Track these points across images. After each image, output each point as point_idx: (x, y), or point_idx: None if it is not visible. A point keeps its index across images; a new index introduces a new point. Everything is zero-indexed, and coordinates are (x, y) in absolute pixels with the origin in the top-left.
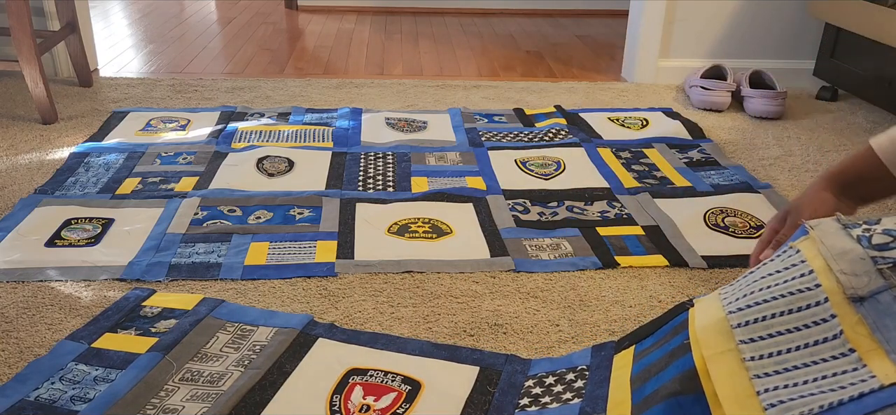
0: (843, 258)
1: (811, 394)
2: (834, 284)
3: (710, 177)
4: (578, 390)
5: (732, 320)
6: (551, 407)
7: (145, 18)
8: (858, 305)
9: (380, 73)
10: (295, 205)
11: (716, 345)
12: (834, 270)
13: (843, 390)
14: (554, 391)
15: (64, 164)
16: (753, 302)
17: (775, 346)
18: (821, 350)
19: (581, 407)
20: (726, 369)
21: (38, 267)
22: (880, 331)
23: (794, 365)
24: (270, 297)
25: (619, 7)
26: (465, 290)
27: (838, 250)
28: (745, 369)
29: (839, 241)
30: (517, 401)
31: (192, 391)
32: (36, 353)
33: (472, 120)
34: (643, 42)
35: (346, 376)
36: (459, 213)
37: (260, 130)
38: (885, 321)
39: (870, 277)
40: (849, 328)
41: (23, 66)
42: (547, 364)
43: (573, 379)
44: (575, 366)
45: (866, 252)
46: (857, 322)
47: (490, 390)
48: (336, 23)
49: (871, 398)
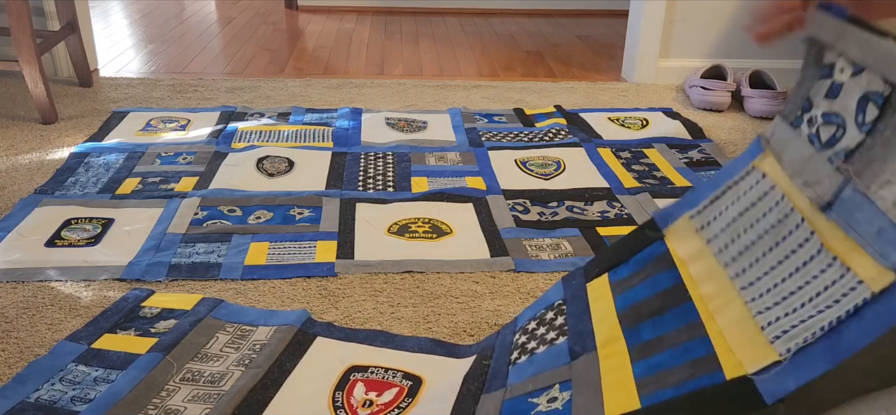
0: (805, 168)
1: (810, 316)
2: (804, 202)
3: (710, 177)
4: (560, 327)
5: (730, 271)
6: (539, 352)
7: (145, 18)
8: (828, 211)
9: (380, 73)
10: (295, 205)
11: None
12: (798, 185)
13: (838, 305)
14: (538, 335)
15: (64, 164)
16: (744, 248)
17: (771, 280)
18: (810, 269)
19: (569, 346)
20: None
21: (38, 267)
22: (853, 228)
23: (790, 291)
24: (270, 297)
25: (619, 7)
26: (465, 290)
27: (798, 162)
28: (749, 310)
29: (795, 150)
30: (509, 358)
31: (193, 392)
32: (36, 353)
33: (472, 120)
34: (643, 42)
35: (347, 373)
36: (459, 213)
37: (260, 130)
38: (854, 216)
39: (830, 178)
40: (826, 238)
41: (23, 66)
42: (528, 312)
43: (553, 317)
44: (552, 302)
45: (820, 154)
46: (831, 228)
47: (485, 363)
48: (336, 23)
49: (870, 316)
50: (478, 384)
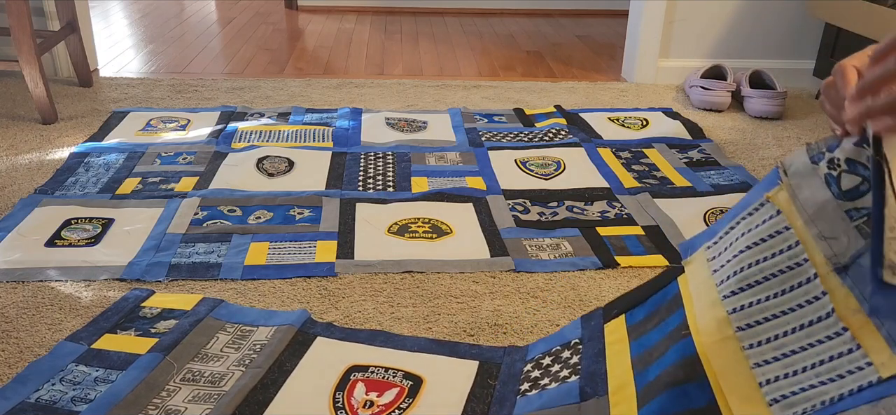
0: (821, 216)
1: (812, 386)
2: (820, 257)
3: (710, 177)
4: (574, 366)
5: (728, 305)
6: (550, 388)
7: (145, 18)
8: (844, 275)
9: (380, 73)
10: (295, 205)
11: (714, 332)
12: (813, 235)
13: (842, 380)
14: (552, 372)
15: (64, 164)
16: (746, 285)
17: (772, 330)
18: (816, 331)
19: (580, 386)
20: (728, 359)
21: (38, 267)
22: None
23: (792, 349)
24: (270, 297)
25: (619, 7)
26: (465, 290)
27: (813, 206)
28: (746, 357)
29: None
30: (518, 387)
31: (193, 392)
32: (36, 353)
33: (472, 120)
34: (643, 42)
35: (348, 373)
36: (459, 213)
37: (260, 130)
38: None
39: (848, 236)
40: (839, 305)
41: (23, 66)
42: (542, 345)
43: (568, 356)
44: (568, 341)
45: (839, 204)
46: (845, 296)
47: (491, 383)
48: (336, 23)
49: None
50: (483, 407)
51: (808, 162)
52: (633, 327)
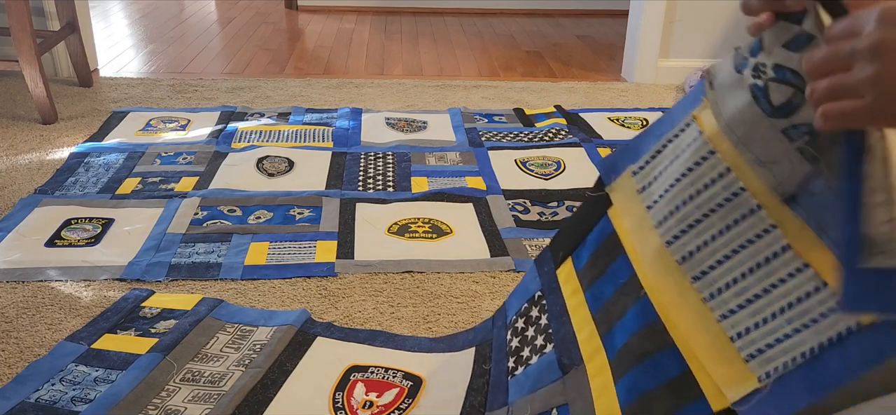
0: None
1: (786, 335)
2: (760, 185)
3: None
4: (545, 328)
5: (675, 253)
6: (532, 364)
7: (145, 18)
8: (794, 205)
9: (380, 73)
10: (295, 205)
11: (671, 288)
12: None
13: (817, 326)
14: (528, 338)
15: (64, 164)
16: (687, 226)
17: (728, 273)
18: (775, 270)
19: (557, 358)
20: (692, 317)
21: (38, 267)
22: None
23: (755, 294)
24: (270, 297)
25: (619, 7)
26: (465, 290)
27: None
28: (710, 310)
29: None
30: (507, 366)
31: (193, 392)
32: (36, 353)
33: (472, 120)
34: (643, 42)
35: (347, 373)
36: (459, 213)
37: (260, 130)
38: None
39: (791, 160)
40: (794, 238)
41: (23, 66)
42: (515, 301)
43: (537, 315)
44: (532, 294)
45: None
46: (799, 228)
47: (486, 368)
48: (336, 23)
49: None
50: (480, 399)
51: (734, 71)
52: (581, 272)
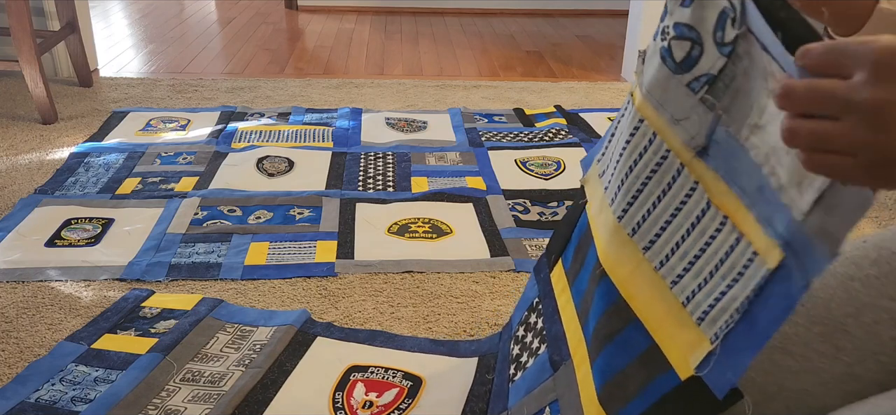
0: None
1: (722, 292)
2: (678, 143)
3: None
4: (541, 331)
5: (626, 226)
6: (529, 367)
7: (145, 18)
8: (706, 158)
9: (380, 73)
10: (295, 205)
11: (625, 262)
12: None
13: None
14: (527, 343)
15: (64, 164)
16: (632, 198)
17: (671, 238)
18: (705, 228)
19: (549, 356)
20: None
21: (38, 267)
22: (735, 181)
23: (695, 254)
24: (270, 297)
25: (619, 7)
26: (465, 290)
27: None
28: (661, 278)
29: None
30: (508, 373)
31: (193, 392)
32: (36, 353)
33: (472, 120)
34: (643, 42)
35: (347, 373)
36: (459, 213)
37: (260, 130)
38: (732, 166)
39: (697, 114)
40: (712, 192)
41: (23, 66)
42: (518, 313)
43: (535, 320)
44: (531, 301)
45: (679, 79)
46: (713, 180)
47: (489, 378)
48: (336, 23)
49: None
50: (482, 406)
51: (653, 40)
52: (568, 270)
